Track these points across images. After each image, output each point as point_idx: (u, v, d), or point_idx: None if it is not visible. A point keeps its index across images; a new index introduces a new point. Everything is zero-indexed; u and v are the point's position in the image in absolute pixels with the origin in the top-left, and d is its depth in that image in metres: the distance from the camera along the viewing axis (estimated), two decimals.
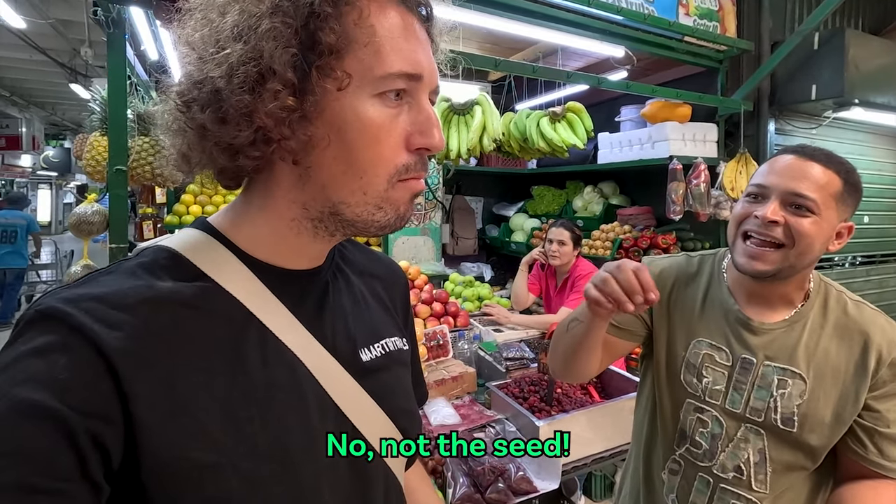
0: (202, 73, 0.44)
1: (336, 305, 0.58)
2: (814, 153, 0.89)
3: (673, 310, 1.04)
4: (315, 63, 0.44)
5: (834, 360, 0.90)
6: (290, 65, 0.43)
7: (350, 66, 0.45)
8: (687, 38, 2.74)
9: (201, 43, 0.45)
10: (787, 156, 0.90)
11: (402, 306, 0.72)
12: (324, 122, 0.46)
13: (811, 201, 0.85)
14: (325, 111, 0.45)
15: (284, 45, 0.43)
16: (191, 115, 0.45)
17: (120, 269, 0.47)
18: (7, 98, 9.89)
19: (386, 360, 0.61)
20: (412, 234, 3.49)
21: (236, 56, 0.43)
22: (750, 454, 0.92)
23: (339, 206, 0.49)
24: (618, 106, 3.59)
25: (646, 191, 3.61)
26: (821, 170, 0.87)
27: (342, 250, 0.66)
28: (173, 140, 0.49)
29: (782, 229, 0.87)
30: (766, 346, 0.94)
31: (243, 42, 0.43)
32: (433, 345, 2.26)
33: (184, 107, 0.46)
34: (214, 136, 0.45)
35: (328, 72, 0.44)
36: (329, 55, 0.44)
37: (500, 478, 1.55)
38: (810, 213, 0.86)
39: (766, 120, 3.03)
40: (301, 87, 0.44)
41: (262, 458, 0.46)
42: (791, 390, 0.90)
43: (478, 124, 2.02)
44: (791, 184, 0.87)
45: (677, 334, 1.03)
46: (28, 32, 5.71)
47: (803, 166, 0.87)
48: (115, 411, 0.39)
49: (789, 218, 0.86)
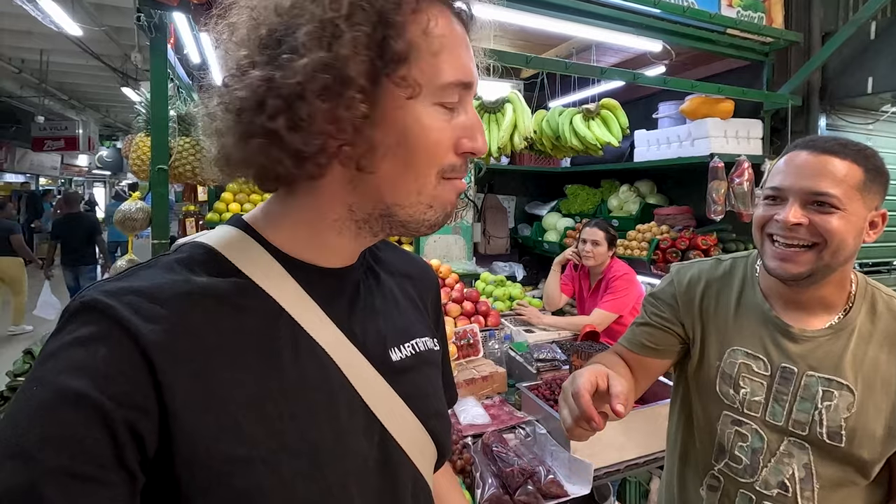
0: (270, 80, 0.44)
1: (367, 304, 0.59)
2: (827, 145, 0.84)
3: (705, 318, 1.00)
4: (385, 71, 0.45)
5: (885, 370, 0.85)
6: (366, 73, 0.44)
7: (416, 75, 0.46)
8: (730, 30, 2.63)
9: (260, 47, 0.45)
10: (801, 152, 0.86)
11: (433, 307, 0.72)
12: (389, 128, 0.47)
13: (833, 198, 0.81)
14: (392, 118, 0.47)
15: (362, 53, 0.44)
16: (258, 122, 0.44)
17: (159, 263, 0.49)
18: (66, 102, 10.51)
19: (416, 360, 0.61)
20: (443, 233, 3.49)
21: (314, 64, 0.43)
22: (795, 469, 0.87)
23: (392, 208, 0.50)
24: (655, 102, 3.49)
25: (685, 190, 3.49)
26: (838, 162, 0.82)
27: (374, 250, 0.66)
28: (220, 143, 0.49)
29: (807, 230, 0.83)
30: (809, 355, 0.88)
31: (323, 50, 0.43)
32: (463, 343, 2.25)
33: (249, 113, 0.45)
34: (286, 143, 0.45)
35: (399, 81, 0.46)
36: (398, 63, 0.45)
37: (529, 480, 1.53)
38: (835, 210, 0.81)
39: (816, 115, 2.88)
40: (373, 94, 0.45)
41: (292, 454, 0.46)
42: (838, 402, 0.85)
43: (509, 122, 2.00)
44: (808, 182, 0.82)
45: (711, 343, 0.98)
46: (84, 39, 6.06)
47: (819, 162, 0.83)
48: (152, 402, 0.41)
49: (813, 217, 0.82)
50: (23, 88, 9.31)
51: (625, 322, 2.24)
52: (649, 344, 1.03)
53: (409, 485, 0.57)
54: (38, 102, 9.69)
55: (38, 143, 10.39)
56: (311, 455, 0.47)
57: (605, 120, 2.37)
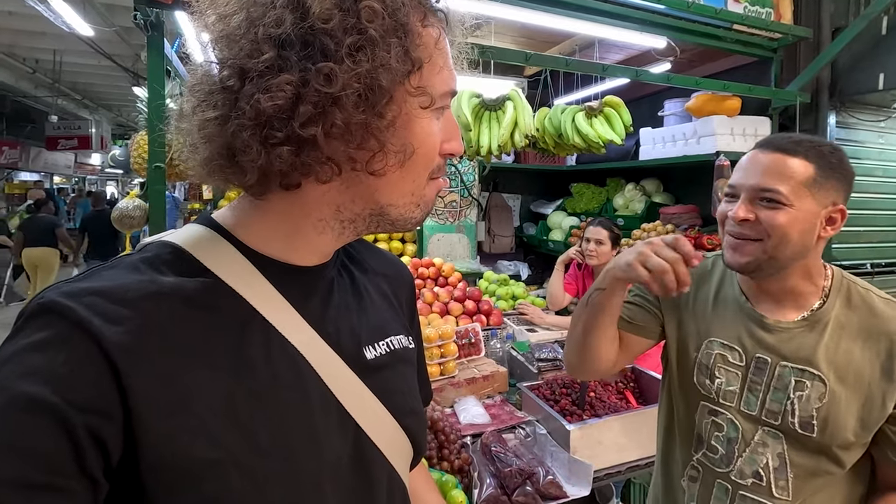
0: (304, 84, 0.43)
1: (341, 302, 0.58)
2: (781, 143, 0.88)
3: (683, 310, 1.03)
4: (404, 80, 0.47)
5: (858, 362, 0.87)
6: (395, 82, 0.46)
7: (425, 84, 0.48)
8: (737, 26, 2.58)
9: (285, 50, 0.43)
10: (756, 151, 0.90)
11: (407, 305, 0.72)
12: (399, 133, 0.48)
13: (779, 194, 0.84)
14: (403, 124, 0.48)
15: (393, 63, 0.45)
16: (288, 129, 0.43)
17: (122, 263, 0.48)
18: (79, 101, 10.66)
19: (391, 357, 0.61)
20: (447, 232, 3.49)
21: (354, 73, 0.43)
22: (769, 459, 0.89)
23: (386, 209, 0.52)
24: (661, 100, 3.45)
25: (691, 189, 3.45)
26: (788, 160, 0.85)
27: (348, 248, 0.66)
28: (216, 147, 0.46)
29: (752, 224, 0.87)
30: (782, 346, 0.91)
31: (364, 59, 0.44)
32: (465, 343, 2.25)
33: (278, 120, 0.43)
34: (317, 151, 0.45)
35: (414, 90, 0.48)
36: (415, 73, 0.47)
37: (527, 481, 1.53)
38: (781, 205, 0.85)
39: (825, 113, 2.83)
40: (397, 102, 0.47)
41: (264, 455, 0.46)
42: (809, 393, 0.87)
43: (509, 120, 1.99)
44: (756, 180, 0.87)
45: (689, 335, 1.01)
46: (95, 39, 6.14)
47: (770, 160, 0.86)
48: (115, 407, 0.40)
49: (760, 213, 0.86)
50: (37, 88, 9.46)
51: None
52: (629, 319, 1.04)
53: (383, 482, 0.57)
54: (52, 102, 9.84)
55: (51, 143, 10.54)
56: (284, 456, 0.47)
57: (607, 117, 2.34)
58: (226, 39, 0.45)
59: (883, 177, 3.19)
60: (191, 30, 2.39)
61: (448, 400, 2.01)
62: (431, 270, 2.77)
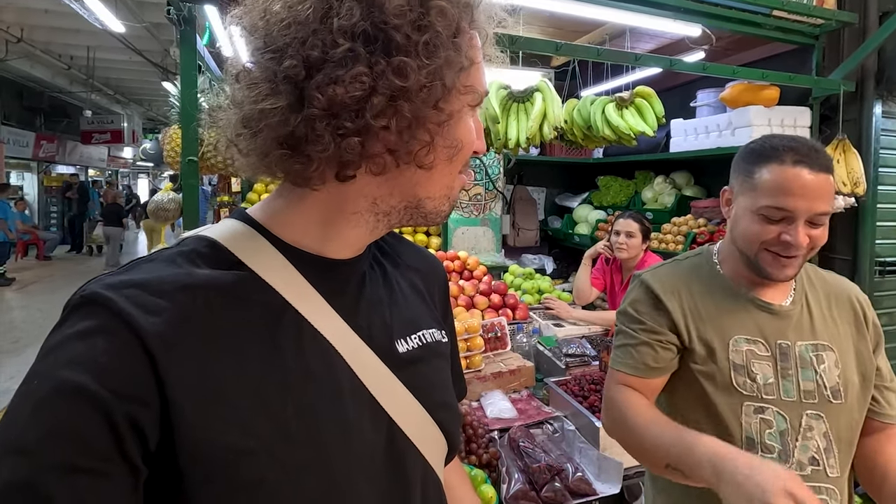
0: (380, 77, 0.44)
1: (373, 295, 0.58)
2: (823, 161, 0.90)
3: (697, 319, 1.01)
4: (458, 78, 0.48)
5: (840, 325, 0.98)
6: (454, 79, 0.47)
7: (471, 83, 0.50)
8: (776, 12, 2.48)
9: (360, 42, 0.44)
10: (802, 170, 0.89)
11: (440, 299, 0.71)
12: (450, 129, 0.50)
13: (828, 215, 0.91)
14: (455, 121, 0.50)
15: (456, 61, 0.47)
16: (360, 120, 0.44)
17: (161, 256, 0.49)
18: (111, 96, 10.96)
19: (423, 351, 0.61)
20: (472, 225, 3.48)
21: (428, 68, 0.45)
22: (818, 441, 0.92)
23: (423, 202, 0.53)
24: (694, 90, 3.35)
25: (724, 182, 3.31)
26: (828, 179, 0.90)
27: (381, 242, 0.66)
28: (275, 136, 0.46)
29: (806, 244, 0.91)
30: (791, 327, 0.97)
31: (436, 56, 0.45)
32: (491, 336, 2.24)
33: (349, 111, 0.44)
34: (384, 142, 0.47)
35: (464, 88, 0.49)
36: (466, 71, 0.49)
37: (556, 477, 1.51)
38: (824, 222, 0.92)
39: (871, 102, 2.70)
40: (453, 99, 0.49)
41: (297, 445, 0.46)
42: (828, 363, 0.94)
43: (537, 112, 1.95)
44: (815, 205, 0.89)
45: (713, 342, 0.98)
46: (127, 36, 6.29)
47: (819, 181, 0.89)
48: (152, 395, 0.41)
49: (812, 232, 0.91)
50: (72, 84, 9.77)
51: None
52: (655, 365, 1.00)
53: (418, 476, 0.56)
54: (86, 97, 10.15)
55: (86, 137, 10.88)
56: (316, 447, 0.47)
57: (639, 108, 2.28)
58: (290, 29, 0.44)
59: None
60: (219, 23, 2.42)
61: (475, 394, 2.01)
62: (456, 264, 2.76)
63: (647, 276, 1.08)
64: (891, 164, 2.88)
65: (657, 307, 1.02)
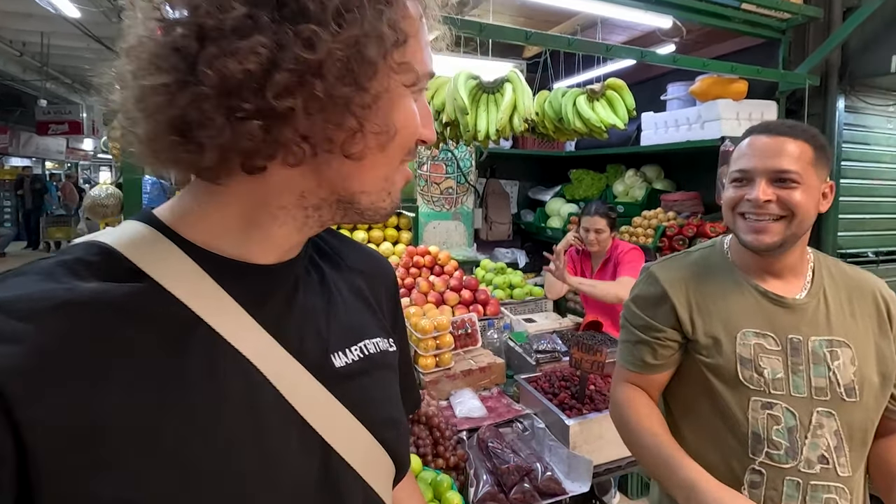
0: (282, 49, 0.37)
1: (307, 303, 0.52)
2: (782, 128, 0.95)
3: (704, 312, 1.00)
4: (389, 54, 0.42)
5: (860, 321, 0.95)
6: (380, 54, 0.41)
7: (408, 60, 0.44)
8: (745, 5, 2.48)
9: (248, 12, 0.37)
10: (760, 136, 0.95)
11: (389, 304, 0.65)
12: (379, 112, 0.43)
13: (794, 174, 0.91)
14: (385, 102, 0.43)
15: (379, 33, 0.40)
16: (262, 101, 0.37)
17: (34, 268, 0.40)
18: (69, 85, 10.45)
19: (366, 363, 0.54)
20: (443, 219, 3.42)
21: (342, 40, 0.38)
22: (828, 439, 0.90)
23: (357, 196, 0.47)
24: (664, 84, 3.36)
25: (693, 175, 3.38)
26: (793, 142, 0.92)
27: (319, 242, 0.59)
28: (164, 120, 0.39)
29: (776, 205, 0.92)
30: (805, 321, 0.95)
31: (353, 26, 0.39)
32: (461, 333, 2.20)
33: (248, 90, 0.37)
34: (291, 127, 0.40)
35: (398, 66, 0.43)
36: (400, 47, 0.43)
37: (525, 477, 1.49)
38: (796, 184, 0.92)
39: (834, 97, 2.74)
40: (381, 77, 0.42)
41: (204, 492, 0.39)
42: (843, 360, 0.92)
43: (508, 103, 1.90)
44: (772, 162, 0.92)
45: (719, 334, 0.97)
46: (84, 22, 5.97)
47: (776, 143, 0.93)
48: (7, 446, 0.33)
49: (780, 193, 0.92)
50: (25, 72, 9.25)
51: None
52: (654, 361, 1.03)
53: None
54: (41, 86, 9.64)
55: (42, 127, 10.34)
56: (230, 491, 0.40)
57: (610, 101, 2.26)
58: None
59: (891, 163, 3.12)
60: None
61: (444, 392, 1.97)
62: (427, 259, 2.70)
63: (655, 267, 1.09)
64: (853, 158, 2.95)
65: (660, 301, 1.03)
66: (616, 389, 1.09)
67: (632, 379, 1.07)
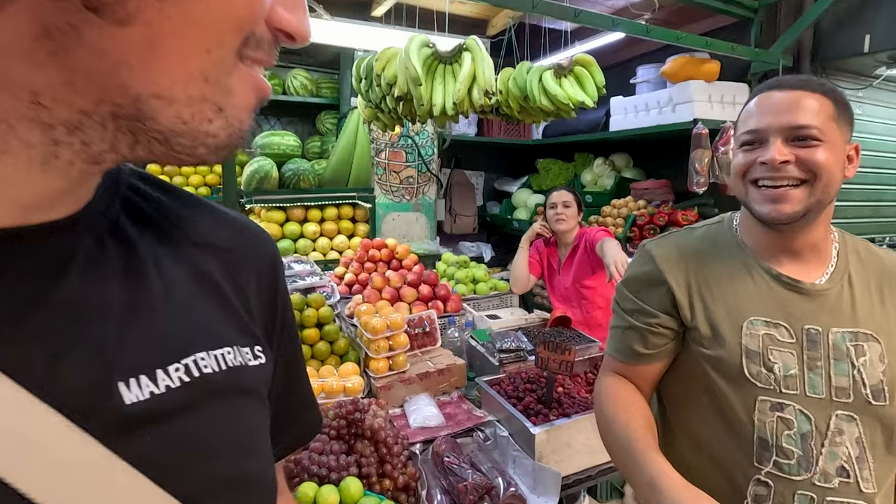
0: None
1: (83, 298, 0.31)
2: (794, 82, 0.84)
3: (705, 296, 0.88)
4: None
5: (892, 312, 0.83)
6: None
7: None
8: None
9: None
10: (771, 92, 0.84)
11: (262, 296, 0.44)
12: None
13: (815, 129, 0.79)
14: None
15: None
16: None
17: None
18: None
19: (192, 392, 0.34)
20: (403, 210, 3.19)
21: None
22: (849, 448, 0.78)
23: (148, 102, 0.27)
24: (633, 68, 3.22)
25: (663, 163, 3.26)
26: (811, 96, 0.81)
27: (138, 201, 0.38)
28: None
29: (795, 166, 0.80)
30: (824, 310, 0.82)
31: None
32: (418, 332, 2.01)
33: None
34: None
35: None
36: None
37: (486, 496, 1.32)
38: (818, 142, 0.79)
39: None
40: None
41: None
42: (870, 356, 0.79)
43: (466, 73, 1.69)
44: (788, 118, 0.80)
45: (721, 322, 0.84)
46: None
47: (793, 97, 0.81)
48: None
49: (799, 153, 0.80)
50: None
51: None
52: (644, 350, 0.92)
53: None
54: None
55: None
56: None
57: (578, 77, 2.08)
58: None
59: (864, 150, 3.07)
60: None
61: (397, 399, 1.77)
62: (384, 252, 2.47)
63: (651, 244, 0.97)
64: None
65: (655, 282, 0.91)
66: (600, 380, 0.99)
67: (619, 369, 0.97)
